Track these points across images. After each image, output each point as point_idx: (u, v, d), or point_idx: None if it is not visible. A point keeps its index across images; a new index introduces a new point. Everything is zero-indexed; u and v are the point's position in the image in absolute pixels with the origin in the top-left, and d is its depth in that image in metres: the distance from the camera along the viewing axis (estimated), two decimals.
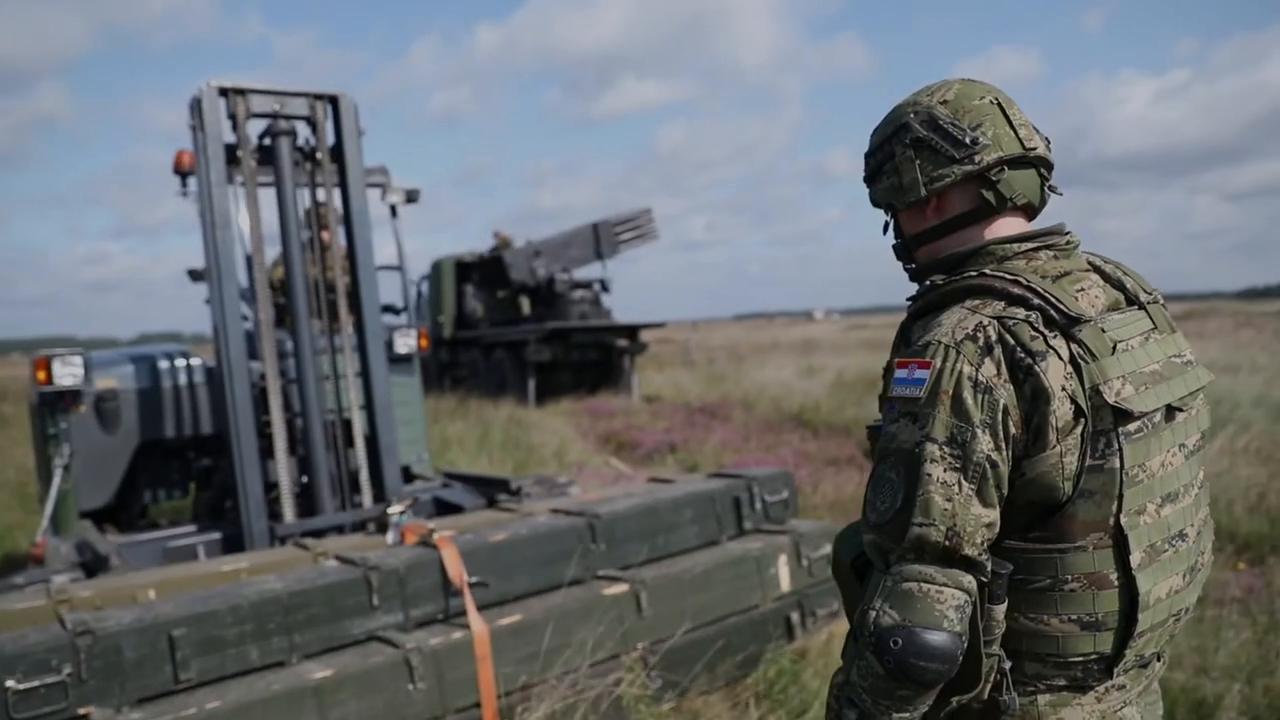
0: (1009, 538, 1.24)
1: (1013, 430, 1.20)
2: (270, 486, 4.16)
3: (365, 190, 4.36)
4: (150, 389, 4.61)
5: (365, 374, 4.29)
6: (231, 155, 4.09)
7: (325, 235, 4.48)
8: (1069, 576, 1.23)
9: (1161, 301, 1.36)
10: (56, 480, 4.32)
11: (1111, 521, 1.22)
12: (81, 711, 2.53)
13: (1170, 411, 1.26)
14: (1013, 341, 1.21)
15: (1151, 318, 1.32)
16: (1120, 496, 1.21)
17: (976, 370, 1.20)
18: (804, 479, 7.25)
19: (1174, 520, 1.27)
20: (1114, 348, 1.23)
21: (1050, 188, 1.38)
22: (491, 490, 4.82)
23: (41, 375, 4.34)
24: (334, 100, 4.21)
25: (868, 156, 1.43)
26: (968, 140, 1.30)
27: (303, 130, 4.28)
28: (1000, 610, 1.23)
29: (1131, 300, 1.33)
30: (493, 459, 8.64)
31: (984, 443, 1.18)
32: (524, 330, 14.37)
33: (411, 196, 5.67)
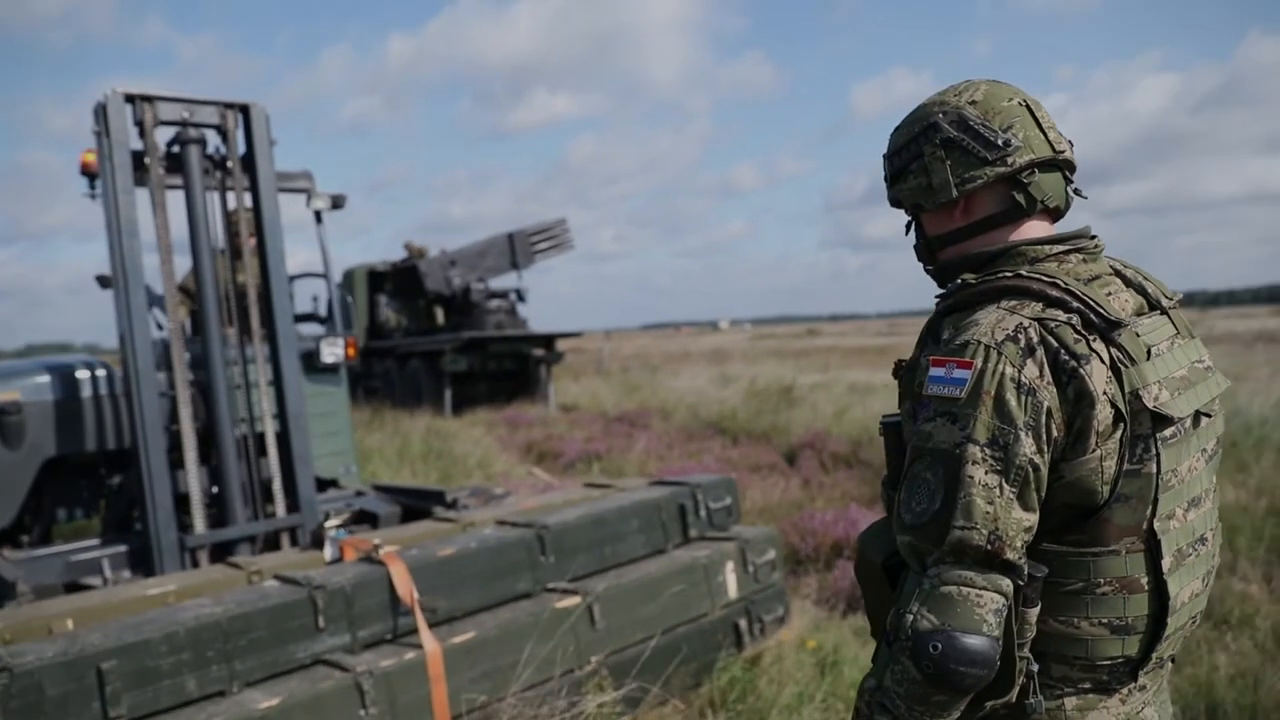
0: (1043, 540, 1.23)
1: (1054, 433, 1.19)
2: (181, 498, 4.00)
3: (277, 198, 4.27)
4: (58, 401, 4.30)
5: (278, 382, 4.19)
6: (139, 162, 3.95)
7: (237, 243, 4.34)
8: (1101, 580, 1.23)
9: (1179, 307, 1.38)
10: None
11: (1145, 526, 1.22)
12: None
13: (1197, 417, 1.28)
14: (1056, 344, 1.20)
15: (1174, 323, 1.33)
16: (1155, 501, 1.22)
17: (1019, 372, 1.19)
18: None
19: (1197, 525, 1.29)
20: (1148, 352, 1.24)
21: (1075, 190, 1.38)
22: (426, 502, 4.66)
23: None
24: (245, 109, 4.13)
25: (890, 157, 1.40)
26: (1000, 142, 1.29)
27: (214, 139, 4.18)
28: (1033, 614, 1.22)
29: (1153, 305, 1.34)
30: (415, 471, 8.43)
31: (1027, 445, 1.17)
32: (440, 340, 14.12)
33: (337, 202, 5.48)
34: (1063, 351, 1.20)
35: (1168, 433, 1.23)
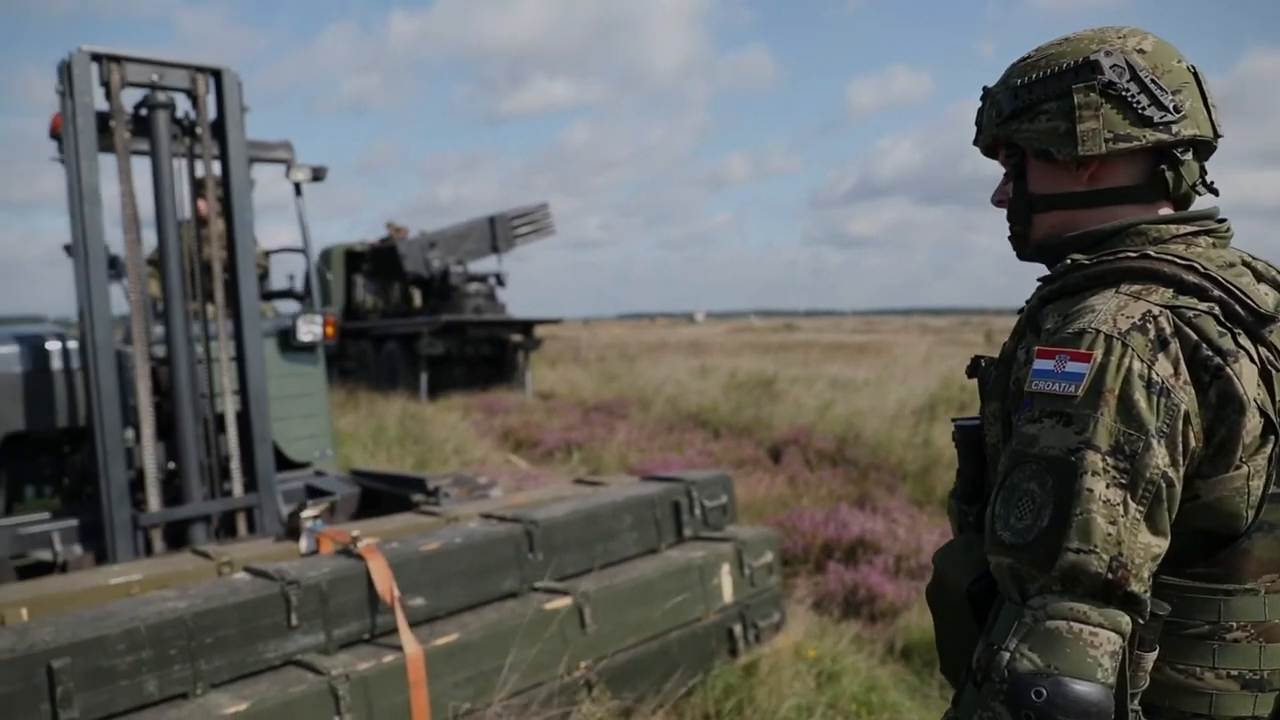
0: (1163, 571, 1.04)
1: (1192, 443, 1.00)
2: (138, 474, 3.83)
3: (247, 168, 4.08)
4: (20, 374, 4.06)
5: (240, 359, 4.02)
6: (104, 125, 3.72)
7: (203, 209, 4.13)
8: (1233, 624, 1.04)
9: None
10: None
11: None
12: None
13: None
14: (1195, 336, 1.01)
15: None
16: None
17: (1149, 368, 0.99)
18: None
19: None
20: None
21: (1210, 184, 1.18)
22: (406, 490, 4.46)
23: None
24: (217, 74, 3.92)
25: (1017, 89, 1.17)
26: (1169, 104, 1.09)
27: (183, 103, 3.96)
28: (1150, 659, 1.02)
29: None
30: (391, 455, 8.20)
31: (1159, 456, 0.98)
32: (417, 323, 13.86)
33: (317, 174, 5.24)
34: (1204, 346, 1.01)
35: None
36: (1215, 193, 1.18)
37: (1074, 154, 1.13)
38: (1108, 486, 0.97)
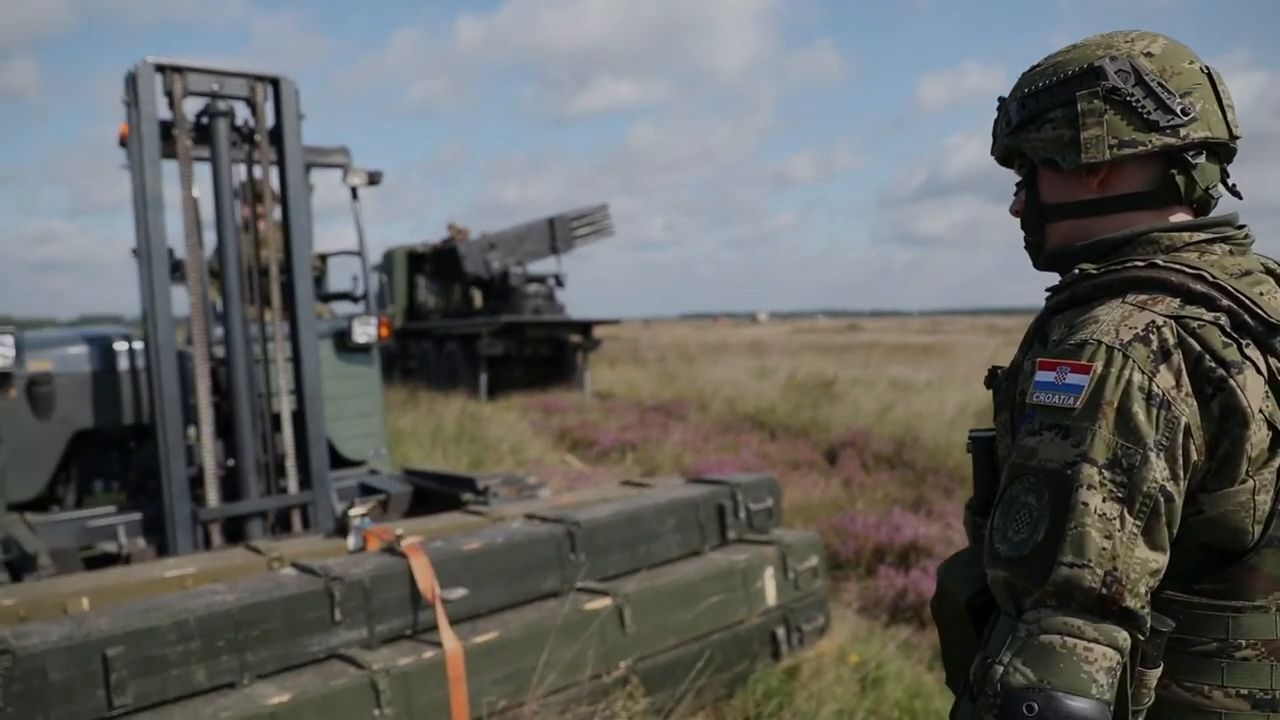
0: (1170, 587, 1.02)
1: (1193, 456, 0.98)
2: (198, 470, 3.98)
3: (303, 173, 4.21)
4: (89, 373, 4.25)
5: (296, 359, 4.13)
6: (167, 133, 3.88)
7: (262, 216, 4.27)
8: (1243, 641, 1.01)
9: None
10: None
11: None
12: None
13: None
14: (1198, 348, 0.98)
15: None
16: None
17: (1150, 380, 0.97)
18: None
19: None
20: None
21: (1232, 186, 1.15)
22: (456, 489, 4.53)
23: None
24: (275, 82, 4.05)
25: (1023, 99, 1.16)
26: (1177, 108, 1.06)
27: (243, 111, 4.10)
28: (1153, 676, 1.00)
29: None
30: (447, 454, 8.33)
31: (1157, 469, 0.96)
32: (477, 323, 14.05)
33: (373, 179, 5.36)
34: (1207, 357, 0.98)
35: None
36: (1238, 195, 1.15)
37: (1078, 161, 1.11)
38: (1104, 500, 0.96)
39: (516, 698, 2.87)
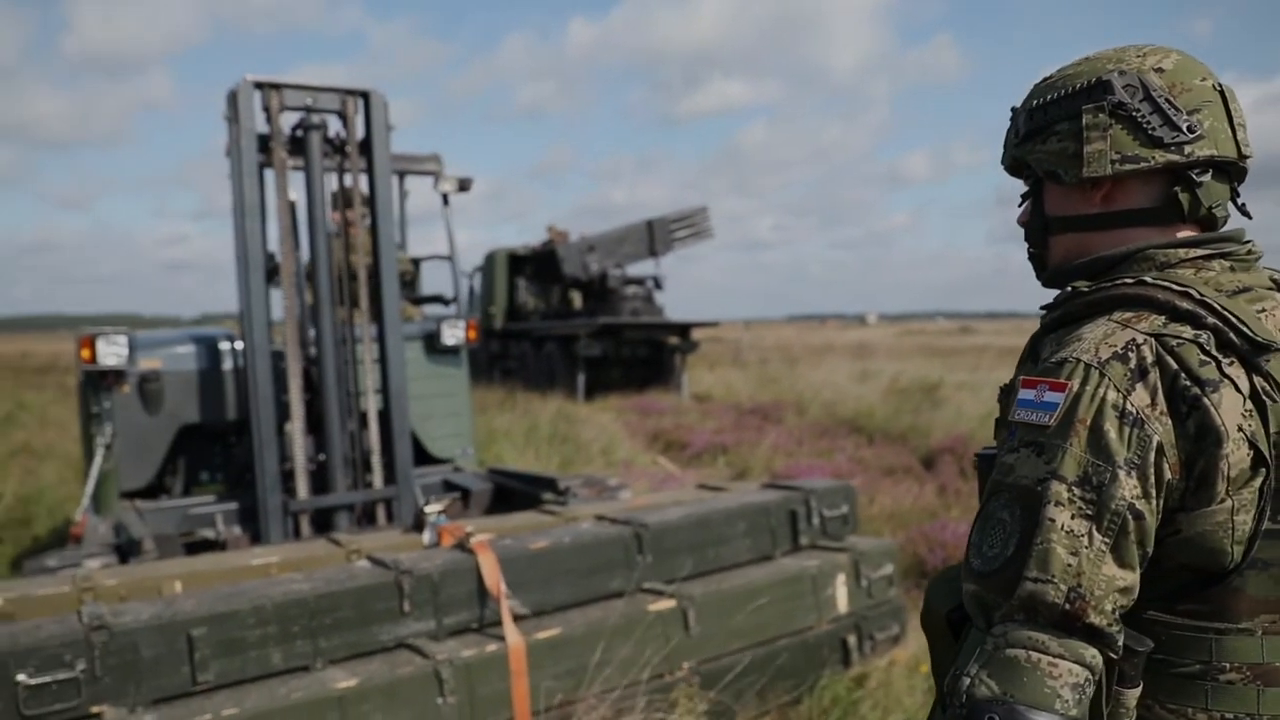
0: (1152, 607, 1.01)
1: (1167, 475, 0.97)
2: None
3: (390, 182, 4.38)
4: (194, 371, 4.54)
5: (383, 359, 4.31)
6: (265, 145, 4.12)
7: (352, 223, 4.47)
8: (1226, 665, 0.99)
9: None
10: (98, 459, 4.27)
11: None
12: (94, 710, 2.39)
13: None
14: (1175, 366, 0.97)
15: None
16: None
17: (1124, 398, 0.96)
18: (859, 488, 6.98)
19: None
20: None
21: (1241, 205, 1.13)
22: (538, 489, 4.64)
23: (86, 353, 4.28)
24: (365, 96, 4.24)
25: (1032, 110, 1.15)
26: (1183, 125, 1.05)
27: (335, 124, 4.32)
28: (1132, 696, 0.99)
29: None
30: (539, 454, 8.49)
31: (1126, 487, 0.95)
32: (575, 324, 14.25)
33: (464, 185, 5.53)
34: (1183, 375, 0.97)
35: None
36: (1247, 215, 1.13)
37: (1079, 175, 1.10)
38: (1072, 517, 0.95)
39: (576, 693, 2.93)
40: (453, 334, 5.16)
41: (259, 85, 3.99)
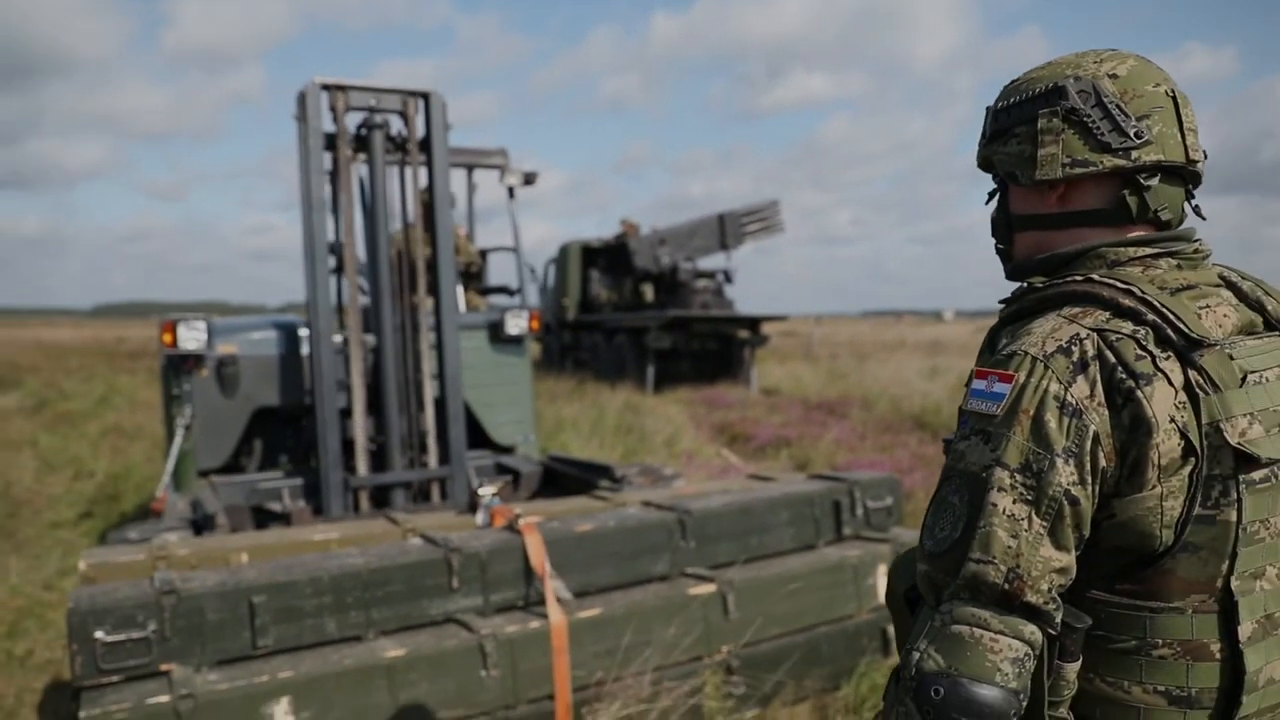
0: (1092, 587, 1.07)
1: (1102, 463, 1.02)
2: (350, 444, 4.42)
3: (448, 177, 4.56)
4: (269, 357, 4.78)
5: (440, 345, 4.49)
6: (331, 144, 4.31)
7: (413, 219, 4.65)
8: (1159, 641, 1.05)
9: None
10: (178, 439, 4.53)
11: (1219, 583, 1.03)
12: (163, 667, 2.58)
13: None
14: (1114, 359, 1.02)
15: None
16: (1234, 555, 1.02)
17: (1065, 389, 1.02)
18: (918, 483, 6.92)
19: None
20: (1243, 379, 1.04)
21: (1195, 207, 1.17)
22: (594, 476, 4.76)
23: (168, 338, 4.54)
24: (425, 96, 4.42)
25: (997, 112, 1.21)
26: (1130, 130, 1.10)
27: (396, 123, 4.51)
28: (1072, 669, 1.05)
29: (1272, 325, 1.12)
30: (604, 443, 8.62)
31: (1064, 474, 1.01)
32: (646, 316, 14.35)
33: (529, 178, 5.67)
34: (1120, 369, 1.02)
35: (1256, 476, 1.02)
36: (1202, 217, 1.18)
37: (1033, 178, 1.15)
38: (1014, 502, 1.02)
39: (616, 672, 3.03)
40: (516, 324, 5.30)
41: (326, 87, 4.18)
